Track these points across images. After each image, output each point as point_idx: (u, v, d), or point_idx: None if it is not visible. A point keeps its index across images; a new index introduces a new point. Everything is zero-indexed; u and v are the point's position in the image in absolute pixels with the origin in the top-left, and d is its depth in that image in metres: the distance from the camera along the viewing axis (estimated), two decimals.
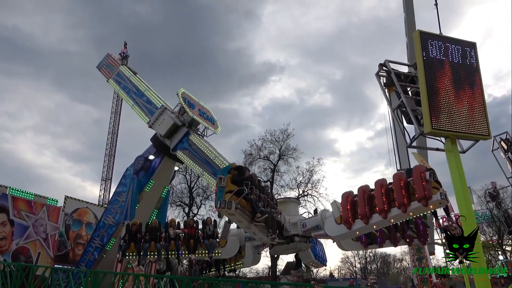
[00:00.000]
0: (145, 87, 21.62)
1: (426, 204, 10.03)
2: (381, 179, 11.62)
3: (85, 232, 21.45)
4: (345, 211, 12.22)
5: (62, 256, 20.30)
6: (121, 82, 22.35)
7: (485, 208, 41.93)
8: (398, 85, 10.54)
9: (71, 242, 21.12)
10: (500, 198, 38.95)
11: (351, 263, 63.88)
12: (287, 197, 21.92)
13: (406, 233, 14.00)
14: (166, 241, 14.24)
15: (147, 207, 19.38)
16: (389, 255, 66.23)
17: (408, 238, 14.18)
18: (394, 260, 66.28)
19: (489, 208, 40.83)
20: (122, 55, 55.69)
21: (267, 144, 41.94)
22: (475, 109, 9.95)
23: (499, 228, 39.94)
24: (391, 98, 11.12)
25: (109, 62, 23.26)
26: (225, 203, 10.30)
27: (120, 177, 20.67)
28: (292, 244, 14.24)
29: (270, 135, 42.11)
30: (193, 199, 40.39)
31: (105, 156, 53.03)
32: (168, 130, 19.43)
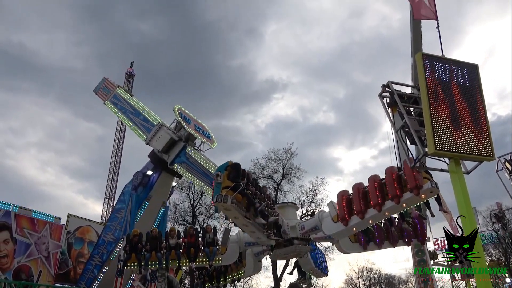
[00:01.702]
0: (142, 108, 22.09)
1: (418, 193, 10.39)
2: (373, 175, 12.02)
3: (87, 250, 21.39)
4: (341, 208, 12.54)
5: (63, 274, 20.19)
6: (117, 104, 22.88)
7: (490, 229, 41.19)
8: (401, 106, 10.62)
9: (73, 261, 21.05)
10: (506, 219, 38.54)
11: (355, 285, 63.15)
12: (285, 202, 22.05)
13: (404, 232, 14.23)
14: (167, 250, 14.30)
15: (146, 222, 19.50)
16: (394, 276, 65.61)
17: (407, 237, 14.39)
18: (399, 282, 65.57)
19: (495, 229, 40.21)
20: (128, 74, 56.39)
21: (270, 163, 41.64)
22: (478, 130, 9.90)
23: (505, 250, 39.28)
24: (394, 118, 11.17)
25: (105, 85, 23.88)
26: (221, 197, 10.58)
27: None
28: (292, 247, 14.30)
29: (274, 154, 41.90)
30: (196, 218, 40.30)
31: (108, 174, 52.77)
32: (165, 145, 19.92)
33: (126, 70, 57.09)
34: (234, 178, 11.07)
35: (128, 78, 56.26)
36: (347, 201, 12.40)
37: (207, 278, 18.35)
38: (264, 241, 13.33)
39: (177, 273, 24.00)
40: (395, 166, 11.75)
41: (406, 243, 14.82)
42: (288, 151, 41.90)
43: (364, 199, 11.81)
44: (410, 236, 14.33)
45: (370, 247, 15.02)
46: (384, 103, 11.10)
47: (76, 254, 21.31)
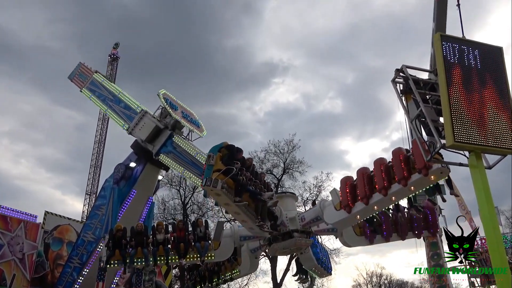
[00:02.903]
0: (122, 94, 22.23)
1: (427, 174, 10.67)
2: (380, 158, 12.33)
3: (66, 252, 21.55)
4: (344, 195, 12.86)
5: (39, 278, 20.32)
6: (95, 91, 23.02)
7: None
8: (416, 93, 10.42)
9: (50, 263, 21.21)
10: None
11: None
12: (283, 192, 22.38)
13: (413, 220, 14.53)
14: (154, 246, 14.55)
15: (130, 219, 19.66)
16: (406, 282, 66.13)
17: (417, 228, 14.69)
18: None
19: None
20: (112, 57, 56.32)
21: (270, 156, 42.03)
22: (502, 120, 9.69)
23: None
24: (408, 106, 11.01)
25: (81, 71, 24.00)
26: (211, 181, 10.79)
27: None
28: (291, 240, 14.54)
29: (274, 146, 42.23)
30: (187, 216, 40.51)
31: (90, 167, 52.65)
32: (150, 134, 20.05)
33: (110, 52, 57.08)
34: (227, 161, 11.33)
35: (112, 61, 56.20)
36: (351, 187, 12.73)
37: (199, 279, 18.64)
38: (258, 232, 13.60)
39: (167, 278, 24.24)
40: (403, 148, 12.02)
41: (416, 235, 15.14)
42: (290, 143, 42.23)
43: (369, 184, 12.13)
44: (420, 226, 14.66)
45: (377, 240, 15.38)
46: (397, 89, 10.96)
47: (54, 256, 21.47)
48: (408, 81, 10.81)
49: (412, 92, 10.69)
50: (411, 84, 10.71)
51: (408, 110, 10.95)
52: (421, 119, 10.41)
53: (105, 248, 14.70)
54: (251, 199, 12.03)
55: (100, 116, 53.69)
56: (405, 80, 10.96)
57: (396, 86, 11.00)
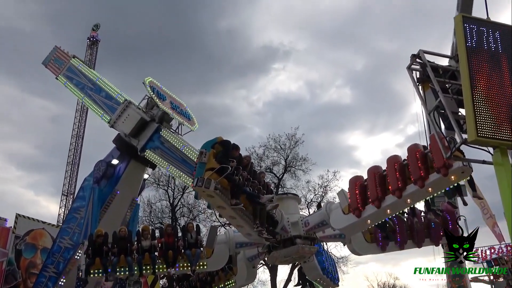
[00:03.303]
0: (103, 82, 22.20)
1: (447, 174, 10.57)
2: (393, 156, 12.28)
3: (40, 259, 21.62)
4: (353, 197, 12.81)
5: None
6: (73, 78, 23.02)
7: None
8: (435, 81, 10.31)
9: (23, 272, 21.27)
10: None
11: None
12: (284, 193, 22.38)
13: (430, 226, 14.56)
14: (139, 253, 14.56)
15: (112, 223, 19.69)
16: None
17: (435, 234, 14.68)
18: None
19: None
20: (92, 40, 56.29)
21: (270, 152, 42.24)
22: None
23: None
24: (426, 96, 10.98)
25: (57, 56, 23.97)
26: (203, 181, 10.71)
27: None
28: (293, 247, 14.56)
29: (274, 141, 42.41)
30: (176, 220, 40.60)
31: (67, 164, 52.82)
32: (135, 128, 20.06)
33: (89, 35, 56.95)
34: (222, 159, 11.28)
35: (92, 44, 56.24)
36: (361, 188, 12.69)
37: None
38: (255, 239, 13.61)
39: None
40: (419, 144, 12.01)
41: (434, 242, 15.15)
42: (292, 137, 42.38)
43: (382, 185, 12.09)
44: (438, 232, 14.67)
45: (390, 247, 15.37)
46: (413, 77, 10.91)
47: (26, 264, 21.51)
48: (426, 68, 10.72)
49: (430, 80, 10.60)
50: (429, 71, 10.63)
51: (426, 100, 10.90)
52: (440, 111, 10.30)
53: (84, 255, 14.68)
54: (248, 201, 12.03)
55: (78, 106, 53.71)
56: (422, 67, 10.89)
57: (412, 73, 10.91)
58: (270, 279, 38.34)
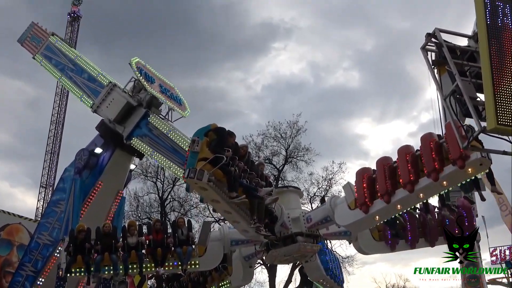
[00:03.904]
0: (86, 62, 22.12)
1: (463, 166, 10.50)
2: (405, 146, 12.20)
3: (16, 257, 21.69)
4: (360, 191, 12.73)
5: None
6: (52, 58, 22.96)
7: None
8: (452, 63, 10.07)
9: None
10: None
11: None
12: (284, 186, 22.39)
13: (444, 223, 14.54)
14: (125, 251, 14.58)
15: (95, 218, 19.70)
16: None
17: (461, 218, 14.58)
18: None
19: None
20: (72, 16, 55.98)
21: (269, 141, 42.08)
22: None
23: None
24: (442, 80, 10.99)
25: (35, 33, 23.88)
26: (195, 172, 10.64)
27: None
28: (294, 245, 14.49)
29: (274, 129, 42.19)
30: (166, 215, 40.64)
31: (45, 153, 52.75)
32: (120, 113, 20.06)
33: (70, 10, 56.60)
34: (216, 148, 11.23)
35: (72, 21, 55.93)
36: (369, 181, 12.62)
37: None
38: (253, 236, 13.56)
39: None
40: (434, 133, 11.96)
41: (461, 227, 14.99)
42: (294, 125, 42.10)
43: (392, 177, 12.03)
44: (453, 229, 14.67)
45: (400, 246, 15.39)
46: (428, 59, 10.70)
47: (1, 262, 21.51)
48: (442, 49, 10.49)
49: (446, 62, 10.40)
50: (445, 52, 10.39)
51: (442, 85, 10.83)
52: (457, 96, 10.13)
53: (64, 253, 14.67)
54: (245, 195, 11.96)
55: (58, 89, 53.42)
56: (438, 48, 10.69)
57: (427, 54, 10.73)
58: (269, 280, 38.32)
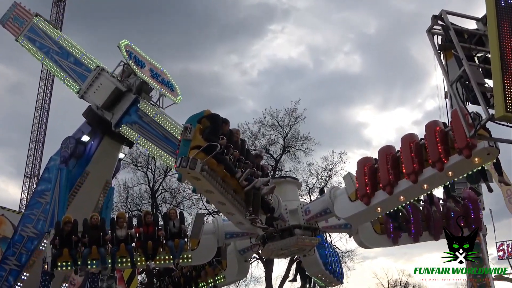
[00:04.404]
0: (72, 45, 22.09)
1: (470, 155, 10.53)
2: (408, 134, 12.25)
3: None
4: (361, 181, 12.77)
5: None
6: (36, 40, 22.92)
7: None
8: (459, 47, 10.07)
9: None
10: None
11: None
12: (282, 176, 22.43)
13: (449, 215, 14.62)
14: (114, 244, 14.67)
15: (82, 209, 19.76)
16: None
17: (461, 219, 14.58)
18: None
19: None
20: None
21: (266, 129, 42.12)
22: None
23: None
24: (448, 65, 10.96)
25: (17, 14, 23.82)
26: (188, 161, 10.65)
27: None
28: (292, 239, 14.49)
29: (271, 117, 42.27)
30: (157, 207, 40.76)
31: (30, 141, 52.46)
32: (108, 99, 20.10)
33: None
34: (209, 136, 11.25)
35: (58, 1, 55.44)
36: (371, 171, 12.68)
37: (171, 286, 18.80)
38: (248, 228, 13.66)
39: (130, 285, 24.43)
40: (439, 121, 11.99)
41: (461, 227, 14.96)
42: (292, 113, 42.20)
43: (395, 167, 12.09)
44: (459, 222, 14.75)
45: (402, 240, 15.45)
46: (434, 43, 10.78)
47: None
48: (449, 32, 10.52)
49: (453, 46, 10.46)
50: (452, 35, 10.41)
51: (448, 70, 10.84)
52: (464, 82, 10.11)
53: (50, 246, 14.74)
54: (240, 186, 12.05)
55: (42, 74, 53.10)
56: (444, 31, 10.73)
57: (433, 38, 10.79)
58: (265, 275, 38.61)
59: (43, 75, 52.89)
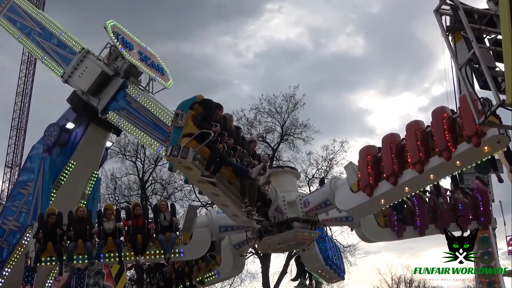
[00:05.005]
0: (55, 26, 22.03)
1: (479, 143, 10.59)
2: (414, 121, 12.35)
3: None
4: (364, 171, 12.84)
5: None
6: (16, 20, 22.81)
7: None
8: (468, 28, 10.01)
9: None
10: None
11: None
12: (279, 166, 22.44)
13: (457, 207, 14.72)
14: (101, 238, 14.76)
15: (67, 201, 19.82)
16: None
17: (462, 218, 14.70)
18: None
19: None
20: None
21: (262, 116, 42.42)
22: None
23: None
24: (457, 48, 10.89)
25: None
26: (179, 149, 10.65)
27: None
28: (290, 232, 14.60)
29: (268, 103, 42.52)
30: (147, 199, 40.91)
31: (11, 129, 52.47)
32: (94, 84, 20.01)
33: None
34: (202, 122, 11.27)
35: None
36: (374, 161, 12.75)
37: (163, 284, 18.91)
38: (244, 221, 13.69)
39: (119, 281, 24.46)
40: (447, 107, 12.05)
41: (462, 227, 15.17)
42: (291, 98, 42.58)
43: (399, 156, 12.15)
44: (467, 215, 14.77)
45: (407, 233, 15.58)
46: (442, 23, 10.78)
47: None
48: (458, 12, 10.48)
49: (462, 27, 10.41)
50: (461, 16, 10.37)
51: (457, 53, 10.77)
52: (473, 66, 10.08)
53: (33, 240, 14.79)
54: (235, 175, 12.12)
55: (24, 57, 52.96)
56: (453, 11, 10.69)
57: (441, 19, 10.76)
58: (261, 271, 38.93)
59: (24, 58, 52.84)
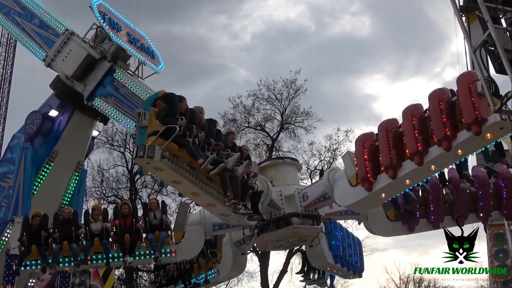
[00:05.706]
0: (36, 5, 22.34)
1: (480, 131, 10.44)
2: (412, 106, 12.08)
3: None
4: (361, 163, 12.69)
5: None
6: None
7: None
8: (483, 7, 9.81)
9: None
10: None
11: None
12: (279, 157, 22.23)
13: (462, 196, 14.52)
14: (87, 239, 15.20)
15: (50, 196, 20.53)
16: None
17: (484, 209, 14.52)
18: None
19: None
20: None
21: (261, 103, 42.36)
22: None
23: None
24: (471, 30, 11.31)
25: None
26: (144, 149, 10.72)
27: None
28: (288, 229, 14.77)
29: (267, 89, 42.44)
30: (137, 193, 41.32)
31: None
32: (79, 68, 20.48)
33: None
34: (165, 118, 11.47)
35: None
36: (371, 150, 12.63)
37: (165, 281, 19.46)
38: (233, 218, 13.81)
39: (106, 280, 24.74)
40: (446, 88, 11.88)
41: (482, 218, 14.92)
42: (292, 84, 42.43)
43: (397, 146, 12.02)
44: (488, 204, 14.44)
45: (420, 226, 15.09)
46: (456, 3, 10.74)
47: None
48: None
49: (477, 7, 10.50)
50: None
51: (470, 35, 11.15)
52: (489, 48, 10.17)
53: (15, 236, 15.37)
54: None
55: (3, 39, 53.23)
56: None
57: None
58: (260, 270, 39.27)
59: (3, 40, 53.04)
